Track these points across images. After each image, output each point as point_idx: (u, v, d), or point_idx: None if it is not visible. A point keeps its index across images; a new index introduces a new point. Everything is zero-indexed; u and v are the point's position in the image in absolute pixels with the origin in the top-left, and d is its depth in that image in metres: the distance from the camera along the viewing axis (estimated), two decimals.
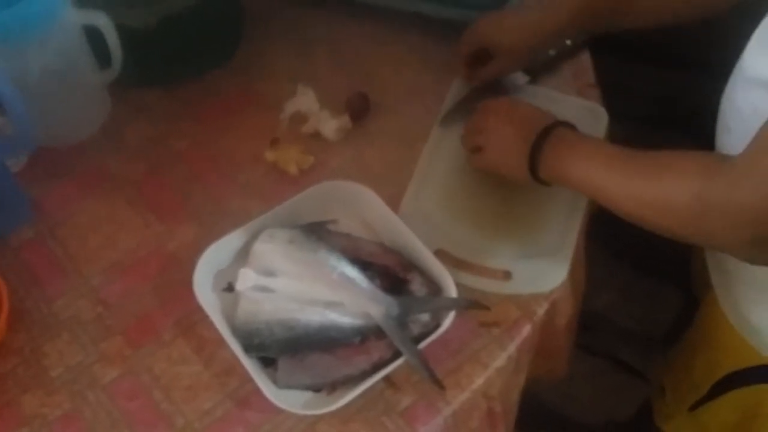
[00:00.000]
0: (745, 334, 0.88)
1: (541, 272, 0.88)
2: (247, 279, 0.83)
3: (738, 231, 0.67)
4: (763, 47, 0.73)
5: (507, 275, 0.88)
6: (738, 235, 0.68)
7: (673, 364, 1.07)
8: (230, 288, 0.85)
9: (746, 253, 0.70)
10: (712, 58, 0.82)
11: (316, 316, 0.81)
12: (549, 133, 0.84)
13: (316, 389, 0.80)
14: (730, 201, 0.66)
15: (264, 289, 0.83)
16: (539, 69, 1.06)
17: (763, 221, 0.65)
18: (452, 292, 0.82)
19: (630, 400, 1.34)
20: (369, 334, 0.81)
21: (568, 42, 1.07)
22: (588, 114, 1.02)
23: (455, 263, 0.88)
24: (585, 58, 1.10)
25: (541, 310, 0.87)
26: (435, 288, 0.84)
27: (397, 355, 0.80)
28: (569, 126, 0.87)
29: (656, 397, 1.13)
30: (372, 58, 1.13)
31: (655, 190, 0.73)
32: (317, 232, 0.89)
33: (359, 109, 1.05)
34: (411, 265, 0.86)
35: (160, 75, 1.09)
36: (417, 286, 0.84)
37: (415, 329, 0.81)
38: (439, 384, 0.79)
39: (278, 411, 0.77)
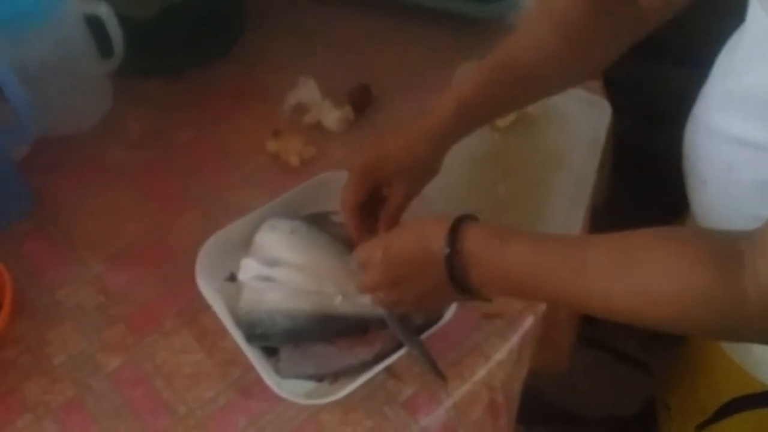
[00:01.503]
0: (747, 367, 0.85)
1: None
2: (249, 269, 0.84)
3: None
4: (727, 103, 0.73)
5: None
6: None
7: (676, 382, 1.06)
8: (232, 278, 0.85)
9: None
10: (715, 54, 0.83)
11: (318, 306, 0.81)
12: (455, 242, 0.68)
13: (319, 379, 0.80)
14: (760, 295, 0.56)
15: (266, 279, 0.83)
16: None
17: None
18: None
19: (633, 393, 1.34)
20: (371, 324, 0.81)
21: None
22: (591, 107, 1.02)
23: None
24: None
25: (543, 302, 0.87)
26: None
27: (399, 346, 0.80)
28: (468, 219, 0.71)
29: (660, 410, 1.12)
30: (374, 49, 1.13)
31: (655, 285, 0.60)
32: (319, 222, 0.89)
33: (361, 100, 1.05)
34: None
35: (161, 65, 1.08)
36: None
37: (417, 320, 0.81)
38: (441, 375, 0.79)
39: (280, 400, 0.77)
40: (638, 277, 0.61)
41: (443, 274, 0.69)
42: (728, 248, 0.58)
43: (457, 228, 0.68)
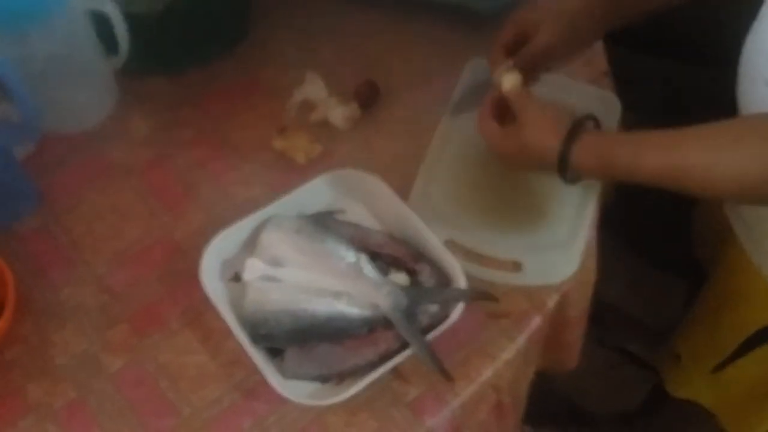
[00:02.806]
0: None
1: (552, 264, 0.87)
2: (254, 269, 0.83)
3: None
4: None
5: (517, 266, 0.87)
6: None
7: (689, 330, 1.06)
8: (237, 278, 0.84)
9: None
10: (726, 49, 0.81)
11: (323, 307, 0.80)
12: (573, 137, 0.79)
13: (324, 380, 0.79)
14: None
15: (271, 279, 0.82)
16: None
17: None
18: (461, 283, 0.81)
19: (641, 394, 1.33)
20: (377, 324, 0.80)
21: None
22: (601, 102, 1.00)
23: (465, 254, 0.87)
24: (598, 46, 1.08)
25: (551, 302, 0.86)
26: (444, 279, 0.83)
27: (404, 346, 0.79)
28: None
29: (669, 366, 1.12)
30: (381, 45, 1.12)
31: (749, 161, 0.69)
32: (325, 221, 0.88)
33: (368, 97, 1.04)
34: (420, 256, 0.86)
35: (166, 62, 1.08)
36: (426, 277, 0.84)
37: (424, 320, 0.80)
38: (447, 375, 0.78)
39: (285, 401, 0.76)
40: (733, 167, 0.69)
41: (556, 172, 0.81)
42: None
43: (570, 141, 0.78)
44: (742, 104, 0.82)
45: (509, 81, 0.86)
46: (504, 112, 0.86)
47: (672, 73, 1.21)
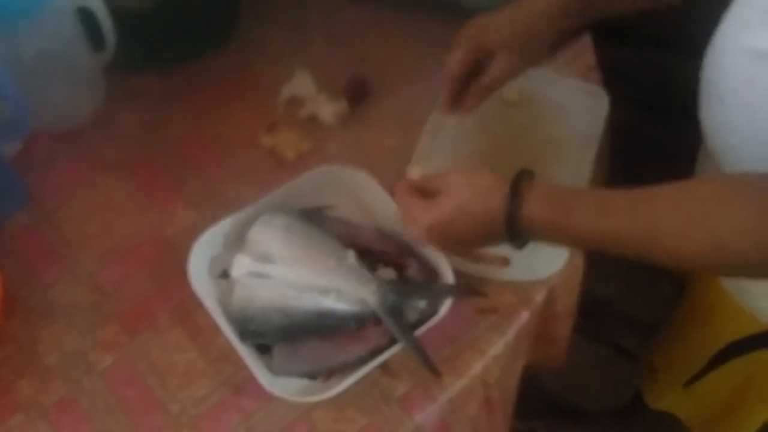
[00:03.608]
0: (745, 302, 0.87)
1: (540, 259, 0.87)
2: (242, 265, 0.83)
3: None
4: (753, 15, 0.72)
5: (505, 261, 0.87)
6: None
7: (665, 343, 1.07)
8: (226, 274, 0.84)
9: None
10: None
11: (312, 303, 0.81)
12: (518, 190, 0.70)
13: (312, 376, 0.80)
14: None
15: (260, 276, 0.82)
16: None
17: None
18: (449, 278, 0.82)
19: (632, 388, 1.33)
20: (365, 320, 0.80)
21: None
22: (589, 97, 1.01)
23: None
24: (585, 41, 1.08)
25: (539, 297, 0.86)
26: (432, 274, 0.84)
27: (393, 342, 0.79)
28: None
29: (646, 378, 1.12)
30: (370, 41, 1.12)
31: (724, 228, 0.62)
32: (314, 217, 0.88)
33: (357, 93, 1.04)
34: (408, 251, 0.86)
35: (154, 58, 1.07)
36: (414, 272, 0.84)
37: (412, 316, 0.80)
38: (435, 371, 0.79)
39: (273, 398, 0.76)
40: (711, 233, 0.62)
41: (503, 238, 0.71)
42: None
43: (515, 194, 0.69)
44: (703, 125, 0.82)
45: (418, 170, 0.79)
46: (424, 193, 0.77)
47: (660, 66, 1.21)
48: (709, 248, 0.63)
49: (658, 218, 0.64)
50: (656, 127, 0.88)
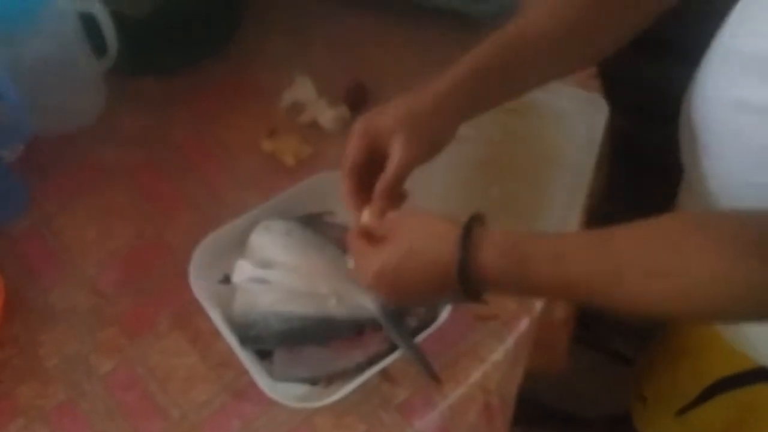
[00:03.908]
0: (738, 345, 0.85)
1: None
2: (243, 271, 0.83)
3: None
4: (736, 64, 0.71)
5: None
6: None
7: (651, 372, 1.06)
8: (226, 280, 0.85)
9: None
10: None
11: (312, 309, 0.81)
12: (471, 236, 0.65)
13: (312, 382, 0.80)
14: None
15: (260, 281, 0.82)
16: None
17: None
18: None
19: (629, 394, 1.33)
20: (365, 327, 0.81)
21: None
22: (588, 105, 1.01)
23: None
24: None
25: (539, 304, 0.87)
26: None
27: (393, 348, 0.79)
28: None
29: (635, 403, 1.12)
30: (370, 47, 1.12)
31: (696, 274, 0.58)
32: (314, 223, 0.88)
33: (357, 99, 1.04)
34: None
35: (156, 63, 1.07)
36: None
37: (412, 322, 0.80)
38: (435, 378, 0.79)
39: (274, 404, 0.76)
40: (679, 276, 0.58)
41: (456, 288, 0.65)
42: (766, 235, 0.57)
43: (467, 240, 0.64)
44: (685, 169, 0.81)
45: (366, 215, 0.75)
46: (375, 238, 0.72)
47: (660, 74, 1.21)
48: (676, 295, 0.59)
49: (620, 263, 0.60)
50: (655, 135, 0.88)
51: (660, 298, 0.60)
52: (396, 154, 0.74)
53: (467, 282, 0.65)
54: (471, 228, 0.66)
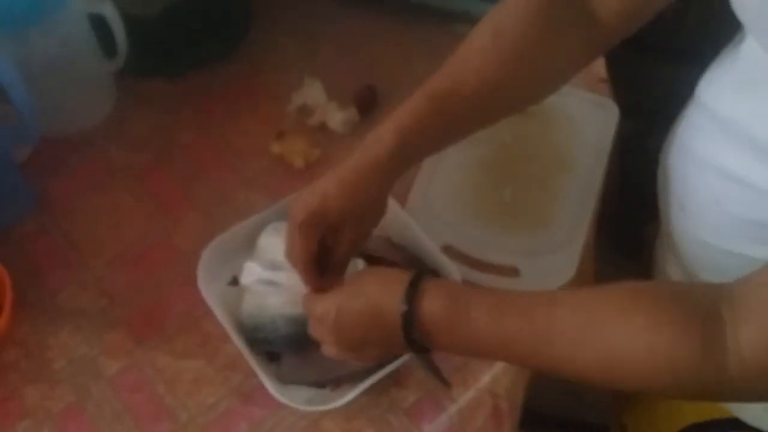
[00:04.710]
0: None
1: (550, 269, 0.87)
2: (252, 273, 0.82)
3: (754, 391, 0.57)
4: (717, 132, 0.70)
5: (515, 272, 0.87)
6: (755, 394, 0.58)
7: (633, 403, 1.05)
8: (235, 282, 0.84)
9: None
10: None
11: None
12: (412, 307, 0.64)
13: (320, 385, 0.79)
14: (744, 365, 0.54)
15: (269, 283, 0.82)
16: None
17: None
18: None
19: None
20: None
21: None
22: (598, 109, 1.01)
23: (462, 259, 0.87)
24: None
25: None
26: None
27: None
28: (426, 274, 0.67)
29: (614, 430, 1.11)
30: (380, 50, 1.12)
31: (628, 350, 0.57)
32: None
33: (367, 102, 1.04)
34: (418, 261, 0.86)
35: (165, 65, 1.08)
36: None
37: None
38: (444, 382, 0.78)
39: (282, 406, 0.76)
40: (610, 345, 0.58)
41: (400, 338, 0.65)
42: (710, 316, 0.56)
43: (413, 290, 0.65)
44: (663, 222, 0.80)
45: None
46: None
47: (670, 78, 1.21)
48: (604, 360, 0.58)
49: (554, 323, 0.60)
50: (662, 139, 0.88)
51: (588, 364, 0.59)
52: (344, 243, 0.73)
53: (410, 326, 0.64)
54: (421, 275, 0.66)
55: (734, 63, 0.71)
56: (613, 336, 0.57)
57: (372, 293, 0.68)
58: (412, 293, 0.64)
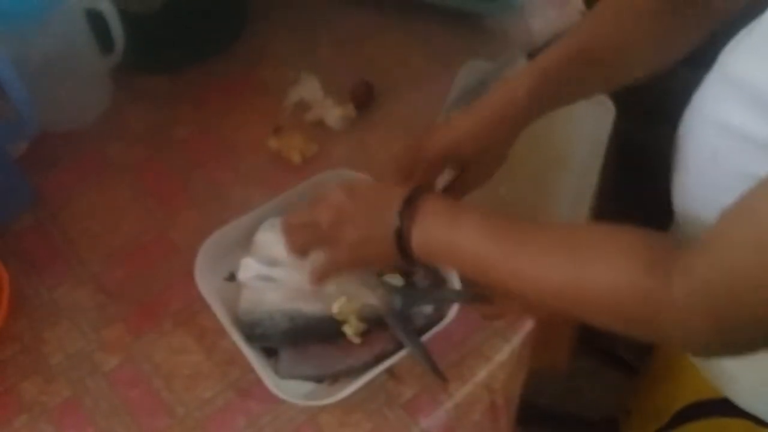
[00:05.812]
0: (704, 372, 0.84)
1: None
2: (249, 268, 0.83)
3: (695, 323, 0.57)
4: (724, 89, 0.71)
5: None
6: (695, 328, 0.57)
7: (639, 388, 1.06)
8: (232, 277, 0.84)
9: (701, 347, 0.62)
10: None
11: (318, 307, 0.81)
12: (412, 203, 0.70)
13: (318, 380, 0.79)
14: (688, 289, 0.55)
15: (266, 279, 0.82)
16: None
17: (728, 310, 0.55)
18: (456, 284, 0.82)
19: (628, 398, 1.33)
20: (372, 325, 0.80)
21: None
22: (595, 107, 1.01)
23: None
24: None
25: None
26: (439, 280, 0.84)
27: (399, 347, 0.79)
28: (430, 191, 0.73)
29: (622, 419, 1.12)
30: (377, 46, 1.12)
31: (586, 272, 0.60)
32: None
33: (363, 98, 1.04)
34: None
35: (162, 60, 1.08)
36: (420, 278, 0.84)
37: (418, 321, 0.80)
38: (441, 376, 0.79)
39: (279, 401, 0.76)
40: (572, 266, 0.61)
41: (390, 226, 0.69)
42: (669, 245, 0.59)
43: (416, 194, 0.70)
44: (672, 191, 0.80)
45: None
46: None
47: (667, 76, 1.21)
48: (568, 287, 0.61)
49: (526, 243, 0.64)
50: (662, 137, 0.88)
51: (552, 287, 0.63)
52: (468, 181, 0.79)
53: (404, 235, 0.69)
54: (420, 188, 0.71)
55: (753, 28, 0.72)
56: (576, 259, 0.61)
57: (380, 187, 0.76)
58: (413, 197, 0.70)
